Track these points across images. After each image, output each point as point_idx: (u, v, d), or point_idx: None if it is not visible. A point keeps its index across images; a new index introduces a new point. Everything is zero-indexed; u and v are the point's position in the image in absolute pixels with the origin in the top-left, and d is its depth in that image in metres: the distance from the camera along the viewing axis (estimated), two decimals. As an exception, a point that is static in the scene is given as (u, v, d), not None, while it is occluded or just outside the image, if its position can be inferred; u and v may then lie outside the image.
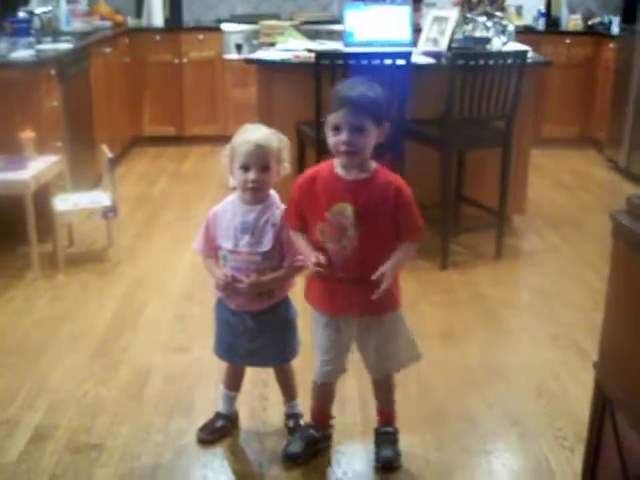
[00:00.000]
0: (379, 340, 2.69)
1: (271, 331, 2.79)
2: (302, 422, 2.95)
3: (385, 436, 2.85)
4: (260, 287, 2.69)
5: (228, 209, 2.71)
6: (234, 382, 3.00)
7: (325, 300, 2.66)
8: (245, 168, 2.60)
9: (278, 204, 2.70)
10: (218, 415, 3.01)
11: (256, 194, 2.64)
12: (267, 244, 2.66)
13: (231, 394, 3.01)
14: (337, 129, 2.45)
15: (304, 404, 2.96)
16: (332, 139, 2.48)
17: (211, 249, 2.75)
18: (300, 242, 2.62)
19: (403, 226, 2.56)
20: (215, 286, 2.77)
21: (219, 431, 2.98)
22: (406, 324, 2.74)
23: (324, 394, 2.85)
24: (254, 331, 2.76)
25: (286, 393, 2.99)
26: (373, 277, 2.49)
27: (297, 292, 2.82)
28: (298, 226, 2.62)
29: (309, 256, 2.56)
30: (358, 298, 2.59)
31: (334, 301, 2.64)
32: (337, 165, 2.56)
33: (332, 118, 2.46)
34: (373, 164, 2.56)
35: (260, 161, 2.59)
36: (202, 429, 2.97)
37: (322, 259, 2.52)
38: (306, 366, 2.92)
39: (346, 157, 2.48)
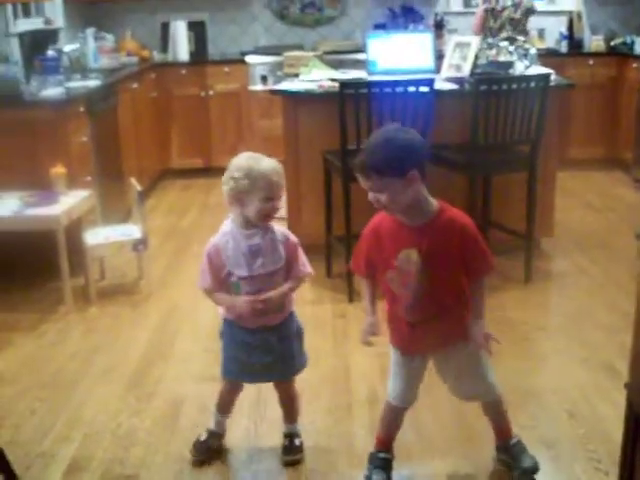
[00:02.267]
0: (458, 369, 2.76)
1: (285, 343, 2.87)
2: (297, 442, 3.01)
3: (515, 448, 2.87)
4: (273, 303, 2.77)
5: (229, 239, 2.75)
6: (228, 407, 3.07)
7: (402, 341, 2.74)
8: (268, 199, 2.66)
9: (272, 224, 2.79)
10: (210, 433, 3.06)
11: (267, 221, 2.74)
12: (280, 260, 2.77)
13: (224, 418, 3.08)
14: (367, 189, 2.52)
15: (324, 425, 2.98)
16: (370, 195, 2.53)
17: (218, 283, 2.80)
18: (364, 295, 2.76)
19: (473, 263, 2.60)
20: (227, 310, 2.84)
21: (211, 450, 3.04)
22: (482, 359, 2.78)
23: (397, 418, 2.88)
24: (273, 344, 2.84)
25: (289, 416, 3.04)
26: (473, 342, 2.63)
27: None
28: (366, 273, 2.72)
29: (367, 315, 2.72)
30: (432, 337, 2.68)
31: (411, 342, 2.71)
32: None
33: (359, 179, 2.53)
34: (435, 205, 2.58)
35: (279, 192, 2.71)
36: (195, 448, 3.03)
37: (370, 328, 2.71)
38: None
39: (386, 211, 2.56)
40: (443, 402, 3.24)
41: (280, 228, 2.83)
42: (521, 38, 6.08)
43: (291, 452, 3.00)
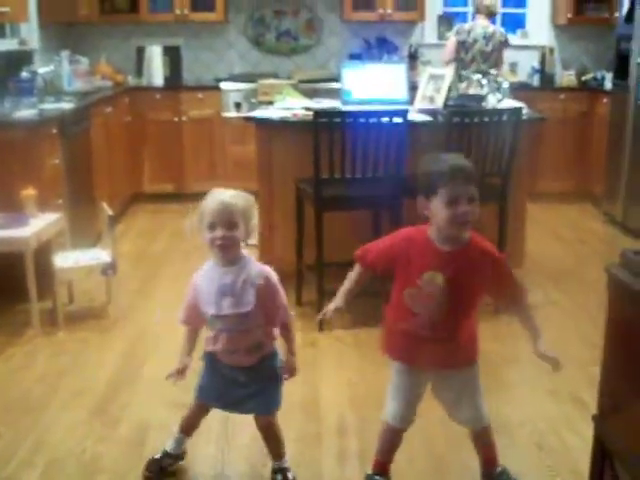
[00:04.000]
0: (457, 393, 2.78)
1: (261, 381, 2.85)
2: (290, 475, 2.97)
3: (501, 477, 2.88)
4: (294, 363, 2.89)
5: (206, 276, 2.77)
6: (192, 428, 3.06)
7: (407, 352, 2.74)
8: (212, 226, 2.65)
9: (254, 264, 2.77)
10: (166, 454, 3.05)
11: (225, 252, 2.69)
12: (248, 304, 2.72)
13: (185, 439, 3.07)
14: (453, 202, 2.50)
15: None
16: (446, 212, 2.51)
17: (195, 317, 2.82)
18: (349, 280, 2.83)
19: (511, 294, 2.68)
20: (207, 342, 2.85)
21: (164, 469, 3.03)
22: (479, 383, 2.82)
23: (395, 439, 2.89)
24: (244, 383, 2.83)
25: (274, 452, 3.00)
26: (546, 357, 2.72)
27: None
28: (370, 265, 2.76)
29: (339, 296, 2.80)
30: (440, 355, 2.69)
31: (416, 355, 2.72)
32: (432, 234, 2.61)
33: (448, 191, 2.49)
34: (468, 234, 2.61)
35: (226, 218, 2.64)
36: (148, 467, 3.03)
37: (337, 308, 2.79)
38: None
39: (461, 228, 2.56)
40: (413, 432, 3.22)
41: (262, 269, 2.78)
42: (493, 71, 6.16)
43: None
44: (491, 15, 6.55)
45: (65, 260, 4.61)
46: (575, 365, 4.05)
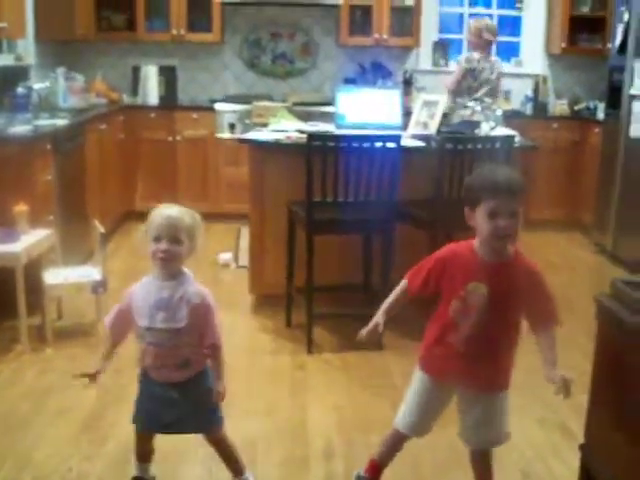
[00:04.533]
0: (483, 415, 2.77)
1: (193, 400, 2.84)
2: None
3: None
4: (221, 387, 2.83)
5: (143, 288, 2.79)
6: (146, 456, 3.05)
7: (442, 367, 2.74)
8: (156, 239, 2.68)
9: (192, 282, 2.78)
10: (135, 479, 3.05)
11: (166, 265, 2.72)
12: (181, 320, 2.73)
13: (145, 466, 3.05)
14: (494, 215, 2.52)
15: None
16: (488, 225, 2.54)
17: (120, 325, 2.85)
18: (393, 297, 2.81)
19: (543, 314, 2.67)
20: (139, 359, 2.85)
21: None
22: (507, 405, 2.81)
23: (399, 446, 2.92)
24: (177, 400, 2.81)
25: (233, 469, 3.01)
26: (558, 388, 2.67)
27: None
28: (415, 291, 2.75)
29: (380, 313, 2.77)
30: (476, 375, 2.69)
31: (451, 372, 2.72)
32: (478, 247, 2.64)
33: (490, 204, 2.52)
34: (512, 248, 2.64)
35: (170, 232, 2.68)
36: None
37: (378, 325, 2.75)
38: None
39: (502, 241, 2.57)
40: (399, 455, 3.22)
41: (200, 289, 2.78)
42: (487, 99, 6.19)
43: None
44: (489, 45, 6.57)
45: (55, 276, 4.61)
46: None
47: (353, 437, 3.57)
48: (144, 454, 3.03)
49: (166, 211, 2.73)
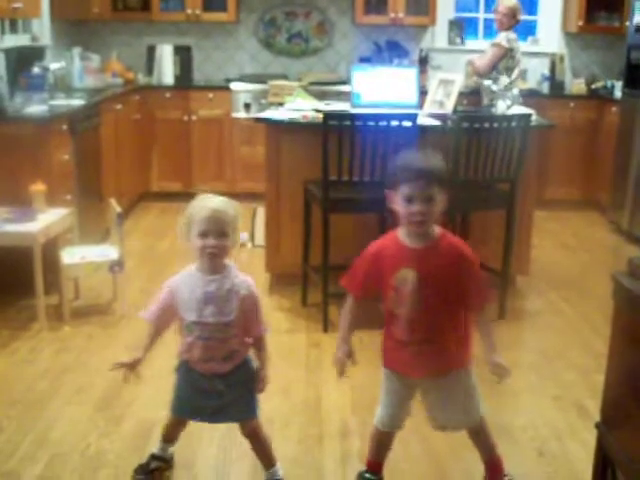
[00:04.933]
0: (443, 398, 2.79)
1: (238, 387, 2.84)
2: None
3: None
4: (266, 376, 2.84)
5: (187, 281, 2.75)
6: (174, 438, 3.07)
7: (395, 359, 2.78)
8: (203, 234, 2.63)
9: (237, 274, 2.75)
10: (153, 457, 3.06)
11: (215, 260, 2.68)
12: (230, 314, 2.71)
13: (168, 446, 3.08)
14: (410, 200, 2.54)
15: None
16: (404, 209, 2.56)
17: (164, 319, 2.82)
18: (343, 317, 2.81)
19: (468, 291, 2.65)
20: (181, 349, 2.84)
21: (153, 472, 3.03)
22: (473, 383, 2.82)
23: (385, 441, 2.93)
24: (221, 391, 2.81)
25: (264, 461, 2.99)
26: (494, 373, 2.71)
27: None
28: (360, 295, 2.77)
29: (338, 347, 2.80)
30: (424, 361, 2.71)
31: (403, 362, 2.75)
32: (402, 235, 2.65)
33: (405, 189, 2.54)
34: (437, 230, 2.65)
35: (218, 227, 2.63)
36: (137, 470, 3.02)
37: (344, 353, 2.77)
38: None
39: (417, 226, 2.58)
40: (413, 436, 3.24)
41: (245, 279, 2.77)
42: (505, 79, 6.15)
43: None
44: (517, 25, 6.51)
45: (72, 256, 4.63)
46: (578, 373, 4.07)
47: (368, 416, 3.54)
48: (171, 437, 3.06)
49: (211, 204, 2.66)
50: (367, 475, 2.94)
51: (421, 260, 2.60)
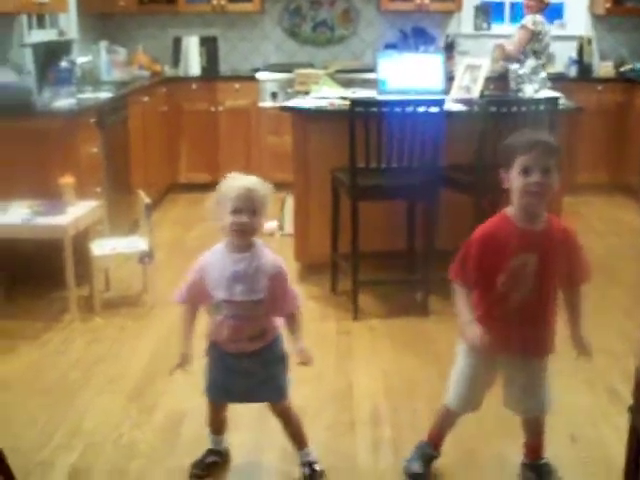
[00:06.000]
0: (529, 381, 2.79)
1: (266, 368, 2.85)
2: (318, 468, 2.96)
3: (544, 468, 2.91)
4: (306, 351, 2.82)
5: (217, 259, 2.76)
6: (220, 427, 3.07)
7: (494, 339, 2.67)
8: (236, 211, 2.63)
9: (266, 252, 2.76)
10: (209, 451, 3.07)
11: (245, 237, 2.69)
12: (260, 292, 2.72)
13: (219, 438, 3.08)
14: (527, 171, 2.52)
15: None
16: (520, 181, 2.54)
17: (198, 297, 2.81)
18: (463, 304, 2.72)
19: (576, 272, 2.68)
20: (209, 332, 2.85)
21: (210, 466, 3.04)
22: (549, 372, 2.83)
23: (451, 422, 2.94)
24: (250, 370, 2.82)
25: (297, 442, 2.99)
26: (581, 352, 2.74)
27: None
28: (472, 283, 2.70)
29: (469, 328, 2.67)
30: (527, 340, 2.70)
31: (499, 341, 2.68)
32: (514, 216, 2.62)
33: (523, 160, 2.52)
34: (545, 214, 2.64)
35: (249, 204, 2.64)
36: (194, 465, 3.03)
37: (485, 338, 2.64)
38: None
39: (535, 198, 2.55)
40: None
41: (274, 258, 2.78)
42: (532, 61, 6.10)
43: (314, 478, 2.95)
44: (546, 8, 6.46)
45: (102, 248, 4.66)
46: (610, 357, 4.03)
47: (399, 403, 3.58)
48: (218, 426, 3.06)
49: (243, 182, 2.68)
50: (428, 450, 2.96)
51: (541, 244, 2.59)
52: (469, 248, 2.66)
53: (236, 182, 2.68)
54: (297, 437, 2.99)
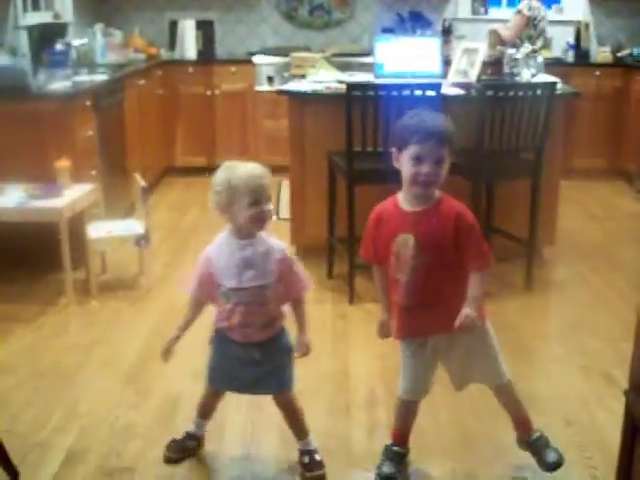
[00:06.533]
0: (465, 354, 2.77)
1: (274, 358, 2.84)
2: (318, 457, 2.95)
3: (539, 442, 2.86)
4: (307, 340, 2.86)
5: (223, 249, 2.73)
6: (209, 412, 3.06)
7: (404, 326, 2.75)
8: (255, 203, 2.61)
9: (270, 237, 2.75)
10: (188, 435, 3.05)
11: (265, 226, 2.69)
12: (271, 275, 2.71)
13: (203, 422, 3.06)
14: (418, 159, 2.51)
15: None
16: (411, 169, 2.53)
17: (206, 291, 2.79)
18: (379, 281, 2.78)
19: (467, 253, 2.61)
20: (218, 318, 2.83)
21: (187, 450, 3.03)
22: (491, 343, 2.80)
23: (409, 412, 2.91)
24: (259, 360, 2.81)
25: (298, 432, 2.97)
26: (458, 324, 2.57)
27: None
28: (376, 260, 2.74)
29: (382, 309, 2.80)
30: (430, 323, 2.69)
31: (412, 326, 2.73)
32: (401, 198, 2.63)
33: (416, 149, 2.51)
34: (437, 194, 2.63)
35: (266, 194, 2.65)
36: (170, 448, 3.02)
37: (384, 321, 2.78)
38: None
39: (423, 187, 2.55)
40: (440, 404, 3.25)
41: (278, 243, 2.77)
42: (527, 46, 6.09)
43: (313, 468, 2.92)
44: None
45: (98, 230, 4.65)
46: (605, 341, 4.05)
47: (395, 386, 3.56)
48: (207, 411, 3.05)
49: (254, 172, 2.64)
50: (394, 449, 2.92)
51: (419, 224, 2.58)
52: (366, 229, 2.73)
53: (243, 173, 2.63)
54: (299, 427, 2.97)
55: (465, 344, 2.74)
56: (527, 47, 6.06)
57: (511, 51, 5.96)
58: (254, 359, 2.81)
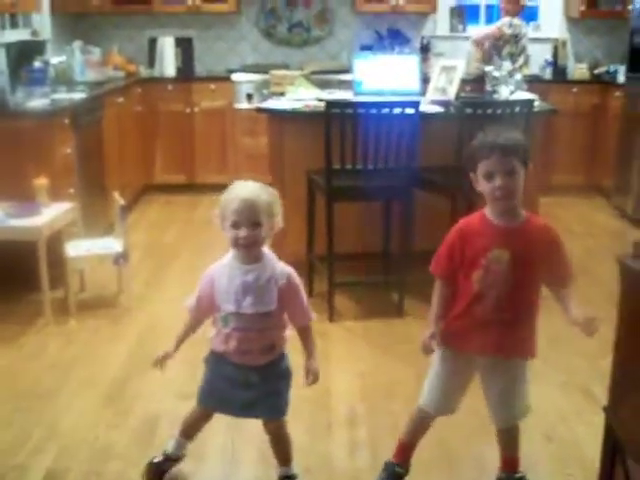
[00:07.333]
0: (507, 384, 2.75)
1: (272, 381, 2.79)
2: None
3: None
4: (316, 367, 2.81)
5: (225, 271, 2.68)
6: (193, 433, 3.00)
7: (464, 338, 2.70)
8: (235, 225, 2.56)
9: (276, 261, 2.70)
10: (167, 457, 2.98)
11: (249, 251, 2.62)
12: (271, 303, 2.65)
13: (185, 443, 3.00)
14: (490, 176, 2.52)
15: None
16: (486, 186, 2.54)
17: (204, 309, 2.76)
18: (435, 300, 2.74)
19: (558, 269, 2.65)
20: (215, 341, 2.77)
21: (165, 473, 2.97)
22: (528, 378, 2.80)
23: (423, 426, 2.89)
24: (253, 383, 2.75)
25: (281, 459, 2.92)
26: (589, 332, 2.63)
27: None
28: (447, 274, 2.69)
29: (431, 323, 2.71)
30: (504, 339, 2.66)
31: (476, 340, 2.68)
32: (490, 213, 2.63)
33: (484, 166, 2.53)
34: (523, 211, 2.64)
35: (250, 217, 2.56)
36: (149, 470, 2.96)
37: (434, 334, 2.69)
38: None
39: (501, 201, 2.55)
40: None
41: (284, 268, 2.71)
42: (508, 64, 6.13)
43: None
44: (522, 10, 6.53)
45: (77, 249, 4.63)
46: (584, 358, 4.06)
47: (376, 404, 3.58)
48: (191, 431, 2.98)
49: (241, 193, 2.58)
50: (396, 469, 2.90)
51: (515, 240, 2.59)
52: (447, 237, 2.70)
53: (235, 194, 2.59)
54: (283, 455, 2.92)
55: (507, 375, 2.74)
56: (508, 65, 6.11)
57: (490, 68, 6.01)
58: (250, 382, 2.75)
